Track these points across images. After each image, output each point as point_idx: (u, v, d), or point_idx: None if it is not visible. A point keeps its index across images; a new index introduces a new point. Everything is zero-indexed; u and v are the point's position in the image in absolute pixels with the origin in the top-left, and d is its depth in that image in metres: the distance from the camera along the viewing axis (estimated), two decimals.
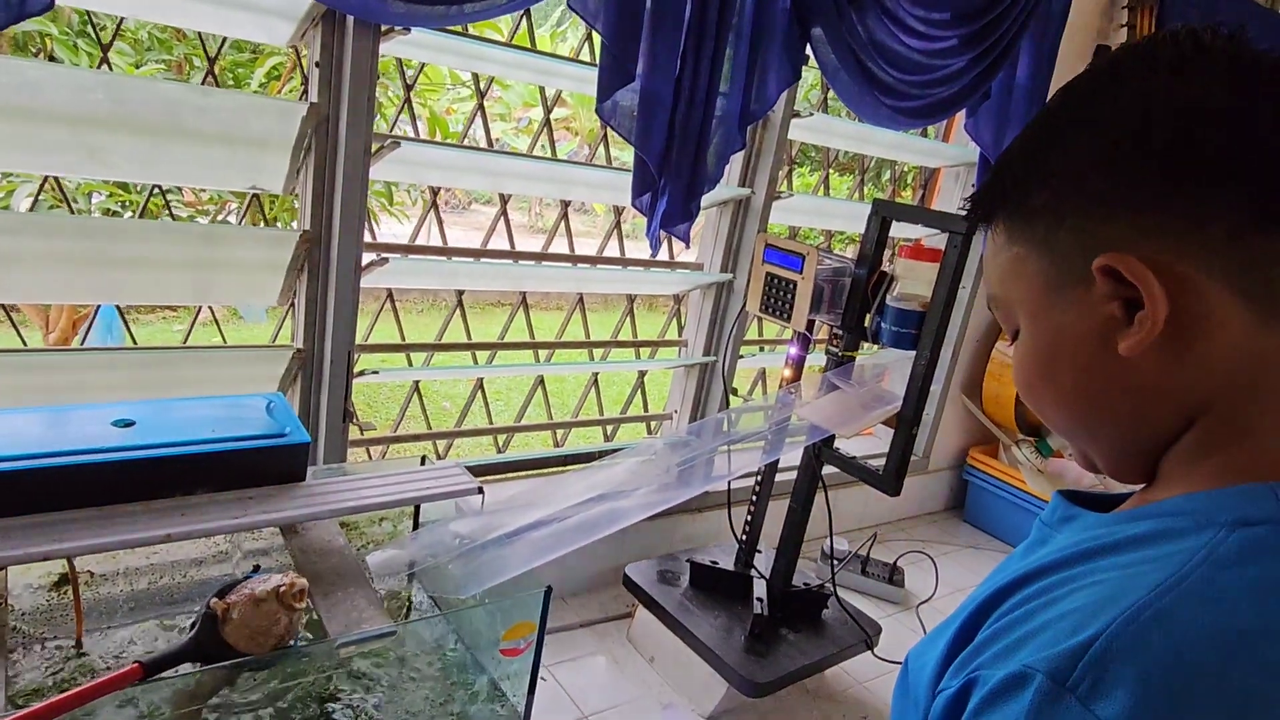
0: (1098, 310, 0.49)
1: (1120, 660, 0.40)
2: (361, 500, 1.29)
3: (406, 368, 1.96)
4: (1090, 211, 0.49)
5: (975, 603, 0.52)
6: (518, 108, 10.89)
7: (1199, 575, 0.42)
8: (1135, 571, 0.45)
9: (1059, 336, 0.52)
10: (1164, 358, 0.48)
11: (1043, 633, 0.44)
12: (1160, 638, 0.40)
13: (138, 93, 1.38)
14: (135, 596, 1.37)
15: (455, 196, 11.63)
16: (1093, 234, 0.49)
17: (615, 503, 1.45)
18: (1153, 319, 0.47)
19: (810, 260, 1.68)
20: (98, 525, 1.11)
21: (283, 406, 1.37)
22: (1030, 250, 0.53)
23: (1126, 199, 0.48)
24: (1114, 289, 0.48)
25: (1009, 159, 0.55)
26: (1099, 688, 0.39)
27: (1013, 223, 0.54)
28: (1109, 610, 0.42)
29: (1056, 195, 0.51)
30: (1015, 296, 0.55)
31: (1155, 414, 0.50)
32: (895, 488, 1.67)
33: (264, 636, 1.04)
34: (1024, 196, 0.53)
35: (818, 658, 1.88)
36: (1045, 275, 0.52)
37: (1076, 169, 0.50)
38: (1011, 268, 0.55)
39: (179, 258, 1.53)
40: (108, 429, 1.21)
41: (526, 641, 1.29)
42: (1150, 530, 0.47)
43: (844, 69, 2.06)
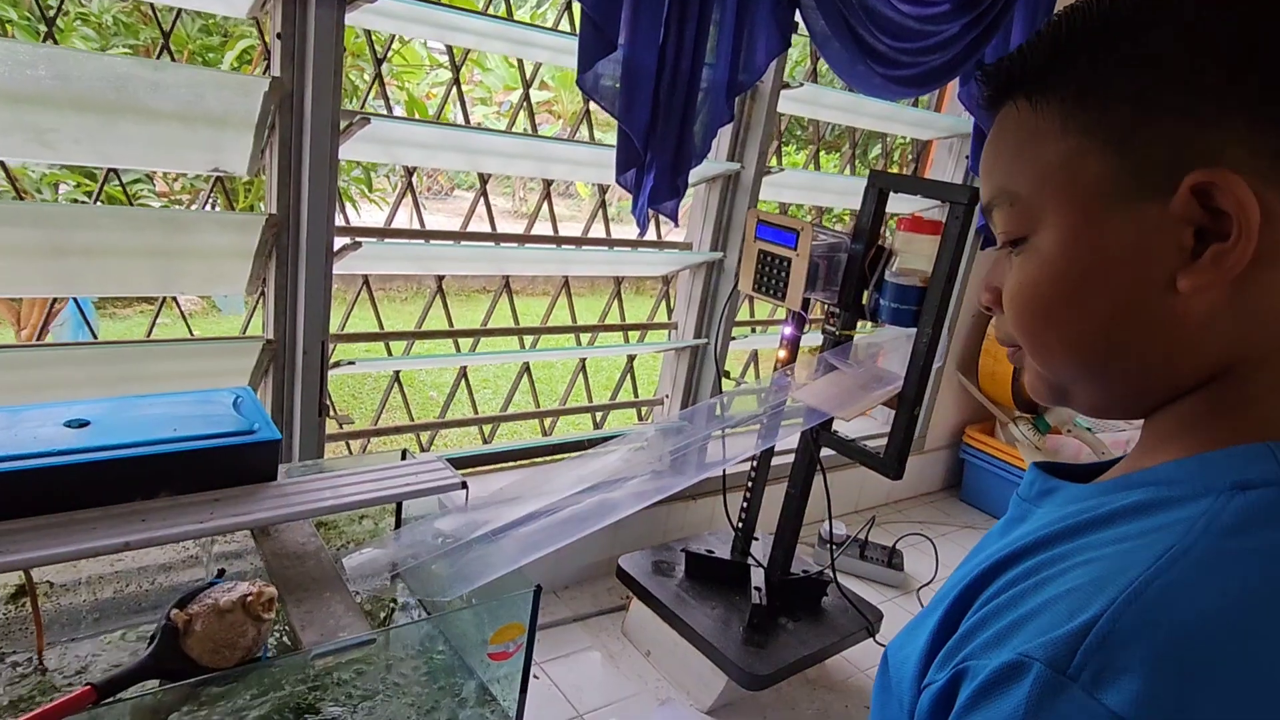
0: (1165, 233, 0.42)
1: (1125, 643, 0.36)
2: (337, 499, 1.21)
3: (385, 357, 1.87)
4: (1196, 112, 0.41)
5: (958, 588, 0.48)
6: (498, 91, 10.72)
7: (1202, 545, 0.39)
8: (1132, 545, 0.41)
9: (1101, 256, 0.44)
10: (1219, 302, 0.42)
11: (1036, 617, 0.40)
12: (1167, 616, 0.37)
13: (84, 68, 1.29)
14: (100, 606, 1.30)
15: (438, 182, 11.47)
16: (1189, 141, 0.41)
17: (607, 494, 1.38)
18: (1238, 257, 0.40)
19: (805, 236, 1.61)
20: (50, 534, 1.03)
21: (251, 401, 1.29)
22: (1096, 145, 0.43)
23: (1248, 104, 0.40)
24: (1195, 213, 0.41)
25: (1084, 23, 0.44)
26: (1104, 675, 0.36)
27: (1079, 106, 0.44)
28: (1108, 589, 0.38)
29: (1154, 84, 0.42)
30: (1053, 198, 0.46)
31: (1183, 363, 0.44)
32: (898, 471, 1.61)
33: (229, 650, 0.97)
34: (1104, 78, 0.43)
35: (818, 647, 1.83)
36: (1109, 180, 0.43)
37: (1192, 56, 0.41)
38: (1059, 163, 0.45)
39: (140, 246, 1.44)
40: (60, 430, 1.13)
41: (516, 644, 1.22)
42: (1144, 500, 0.43)
43: (834, 36, 1.98)
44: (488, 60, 9.91)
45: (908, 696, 0.48)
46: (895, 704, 0.51)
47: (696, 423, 1.64)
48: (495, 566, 1.22)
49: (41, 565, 1.01)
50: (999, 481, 2.99)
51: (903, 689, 0.49)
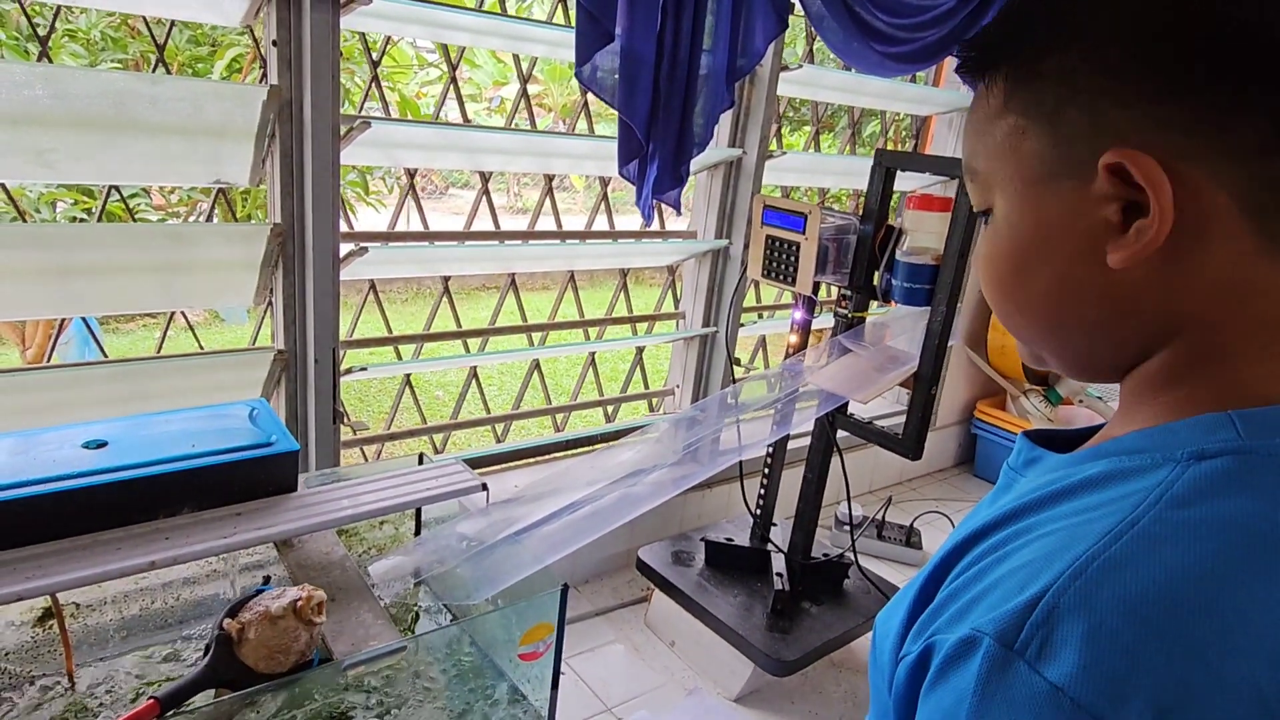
0: (1092, 210, 0.44)
1: (1067, 617, 0.37)
2: (359, 508, 1.21)
3: (396, 361, 1.87)
4: (1109, 90, 0.43)
5: (935, 561, 0.48)
6: (488, 87, 10.67)
7: (1151, 517, 0.39)
8: (1086, 519, 0.41)
9: (1042, 230, 0.46)
10: (1152, 272, 0.43)
11: (993, 591, 0.41)
12: (1108, 590, 0.37)
13: (81, 85, 1.28)
14: (126, 624, 1.30)
15: (432, 182, 11.43)
16: (1104, 118, 0.43)
17: (628, 489, 1.37)
18: (1155, 232, 0.42)
19: (813, 219, 1.59)
20: (74, 558, 1.02)
21: (266, 413, 1.29)
22: (1031, 124, 0.46)
23: (1155, 83, 0.42)
24: (1117, 190, 0.43)
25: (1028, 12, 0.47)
26: (1046, 648, 0.37)
27: (1018, 85, 0.46)
28: (1056, 563, 0.39)
29: (1076, 62, 0.44)
30: (1001, 174, 0.48)
31: (1127, 329, 0.46)
32: (916, 451, 1.60)
33: (284, 655, 0.97)
34: (1038, 55, 0.45)
35: (842, 630, 1.82)
36: (1041, 158, 0.46)
37: (1104, 35, 0.43)
38: (1004, 140, 0.47)
39: (144, 262, 1.44)
40: (78, 452, 1.12)
41: (545, 644, 1.21)
42: (1104, 471, 0.44)
43: (831, 15, 1.96)
44: (476, 56, 9.86)
45: (888, 667, 0.49)
46: (880, 674, 0.52)
47: (711, 413, 1.63)
48: (520, 567, 1.21)
49: (68, 589, 1.01)
50: None
51: (884, 659, 0.50)
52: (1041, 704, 0.36)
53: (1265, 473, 0.40)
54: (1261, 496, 0.39)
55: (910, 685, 0.44)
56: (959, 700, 0.39)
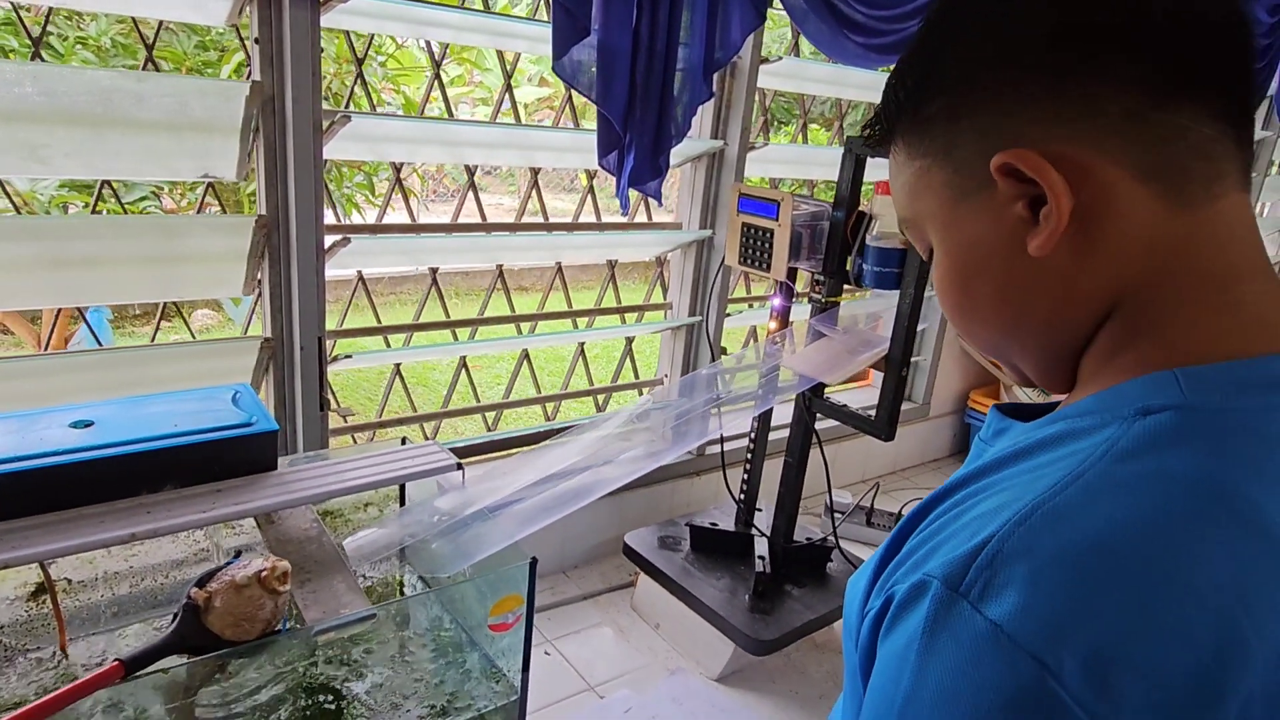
0: (1004, 214, 0.48)
1: (1010, 561, 0.39)
2: (336, 485, 1.25)
3: (384, 350, 1.91)
4: (984, 109, 0.48)
5: (902, 522, 0.51)
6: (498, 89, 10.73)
7: (1096, 470, 0.41)
8: (1037, 475, 0.43)
9: (972, 248, 0.51)
10: (1074, 253, 0.46)
11: (948, 542, 0.43)
12: (1051, 536, 0.39)
13: (69, 83, 1.33)
14: (117, 601, 1.35)
15: (443, 185, 11.52)
16: (988, 134, 0.47)
17: (600, 469, 1.41)
18: (1057, 213, 0.45)
19: (786, 206, 1.63)
20: (59, 530, 1.07)
21: (249, 396, 1.33)
22: (932, 161, 0.51)
23: (1017, 91, 0.46)
24: (1016, 188, 0.47)
25: (901, 71, 0.53)
26: (989, 589, 0.39)
27: (911, 136, 0.52)
28: (1004, 513, 0.41)
29: (949, 98, 0.49)
30: (924, 212, 0.53)
31: (1072, 314, 0.49)
32: (889, 432, 1.63)
33: (249, 623, 1.01)
34: (918, 106, 0.51)
35: (823, 611, 1.85)
36: (950, 185, 0.50)
37: (965, 67, 0.48)
38: (916, 183, 0.53)
39: (137, 253, 1.49)
40: (65, 431, 1.17)
41: (515, 615, 1.25)
42: (1058, 432, 0.46)
43: (810, 8, 1.99)
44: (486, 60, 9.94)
45: (854, 624, 0.51)
46: (849, 636, 0.54)
47: (690, 394, 1.66)
48: (493, 542, 1.25)
49: (53, 558, 1.06)
50: None
51: (852, 620, 0.53)
52: (982, 641, 0.38)
53: (1207, 427, 0.42)
54: (1202, 450, 0.41)
55: (872, 639, 0.46)
56: (909, 641, 0.41)
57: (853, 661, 0.52)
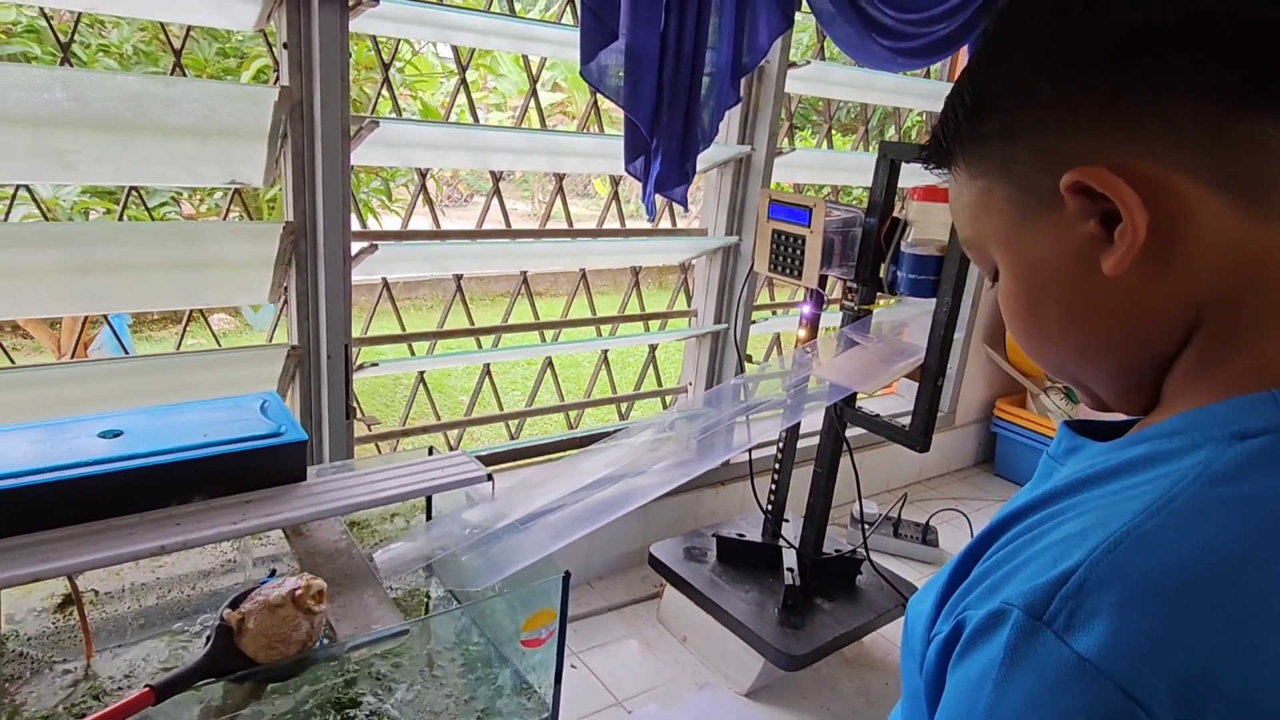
0: (1074, 232, 0.46)
1: (1097, 590, 0.37)
2: (365, 496, 1.23)
3: (409, 357, 1.90)
4: (1046, 125, 0.46)
5: (969, 544, 0.50)
6: (513, 96, 10.76)
7: (1189, 494, 0.40)
8: (1123, 497, 0.42)
9: (1039, 267, 0.49)
10: (1152, 270, 0.44)
11: (1025, 568, 0.42)
12: (1140, 563, 0.38)
13: (99, 88, 1.32)
14: (144, 613, 1.33)
15: (457, 190, 11.55)
16: (1053, 150, 0.46)
17: (632, 480, 1.39)
18: (1133, 230, 0.43)
19: (818, 212, 1.60)
20: (88, 542, 1.06)
21: (277, 405, 1.32)
22: (993, 181, 0.50)
23: (1080, 105, 0.44)
24: (1087, 206, 0.45)
25: (957, 90, 0.51)
26: (1076, 619, 0.37)
27: (970, 155, 0.51)
28: (1090, 539, 0.40)
29: (1008, 115, 0.48)
30: (987, 233, 0.52)
31: (1152, 333, 0.47)
32: (924, 443, 1.60)
33: (284, 644, 0.99)
34: (976, 124, 0.50)
35: (854, 625, 1.82)
36: (1014, 204, 0.49)
37: (1023, 82, 0.47)
38: (978, 203, 0.52)
39: (162, 260, 1.48)
40: (94, 441, 1.16)
41: (548, 630, 1.23)
42: (1145, 454, 0.44)
43: (837, 11, 1.96)
44: (500, 66, 9.96)
45: (919, 648, 0.50)
46: (911, 657, 0.52)
47: (720, 406, 1.64)
48: (524, 555, 1.23)
49: (82, 571, 1.04)
50: (1033, 454, 2.95)
51: (915, 641, 0.51)
52: (1067, 673, 0.37)
53: None
54: None
55: (940, 663, 0.45)
56: (985, 670, 0.40)
57: (915, 685, 0.51)
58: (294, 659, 0.99)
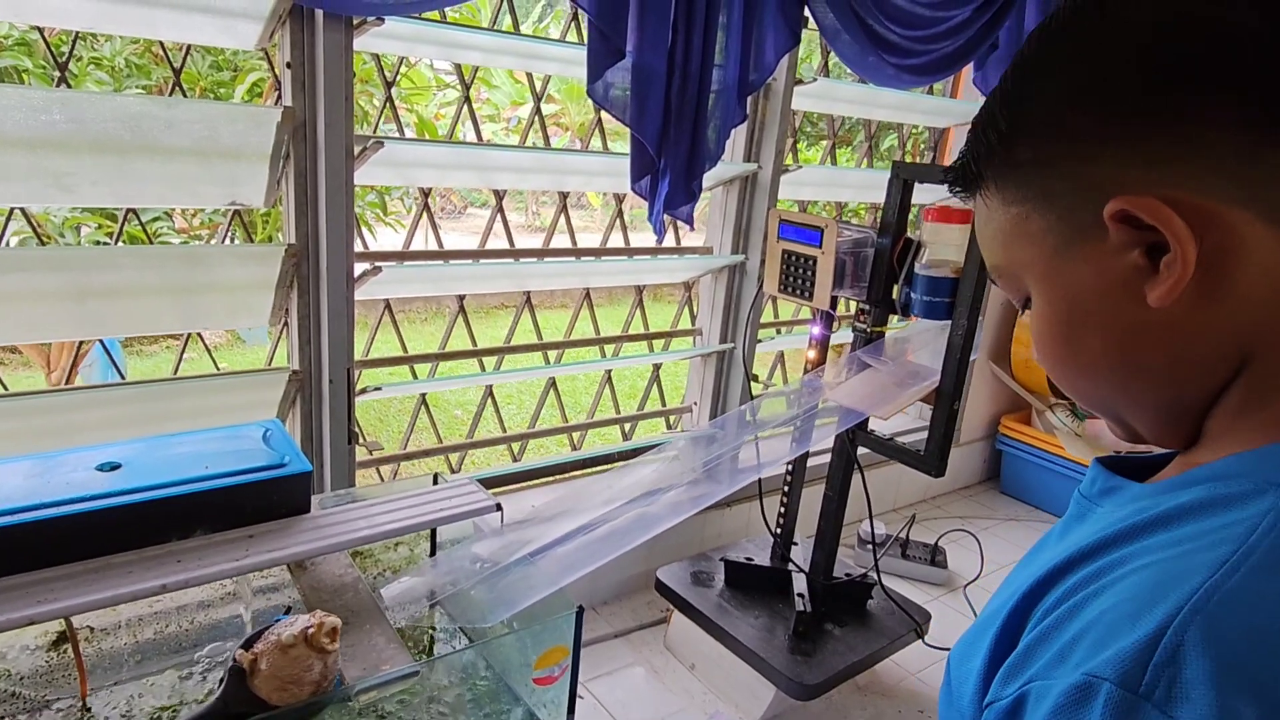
0: (1117, 262, 0.44)
1: (1194, 655, 0.35)
2: (372, 529, 1.19)
3: (411, 381, 1.86)
4: (1083, 154, 0.45)
5: (1016, 596, 0.47)
6: (506, 108, 10.76)
7: (1268, 545, 0.38)
8: (1192, 548, 0.40)
9: (1078, 298, 0.47)
10: (1197, 302, 0.43)
11: (1094, 629, 0.39)
12: (1233, 623, 0.36)
13: (97, 110, 1.29)
14: (141, 648, 1.29)
15: (451, 202, 11.52)
16: (1094, 178, 0.44)
17: (645, 508, 1.35)
18: (1183, 262, 0.42)
19: (830, 233, 1.57)
20: (85, 581, 1.02)
21: (280, 434, 1.28)
22: (1030, 208, 0.48)
23: (1121, 132, 0.43)
24: (1132, 236, 0.43)
25: (990, 111, 0.50)
26: (1175, 690, 0.35)
27: (1004, 181, 0.49)
28: (1170, 596, 0.37)
29: (1044, 142, 0.46)
30: (1021, 261, 0.50)
31: (1198, 367, 0.45)
32: (939, 468, 1.57)
33: (297, 685, 0.95)
34: (1011, 150, 0.48)
35: (867, 653, 1.78)
36: (1052, 232, 0.47)
37: (1063, 108, 0.45)
38: (1012, 230, 0.50)
39: (161, 284, 1.44)
40: (92, 474, 1.12)
41: (561, 668, 1.19)
42: (1202, 498, 0.42)
43: (844, 28, 1.95)
44: (494, 77, 9.97)
45: (969, 712, 0.47)
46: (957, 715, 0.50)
47: (729, 430, 1.61)
48: (536, 589, 1.19)
49: (80, 613, 1.00)
50: (1039, 471, 2.93)
51: (964, 703, 0.49)
52: None
53: None
54: None
55: None
56: None
57: None
58: (307, 701, 0.96)
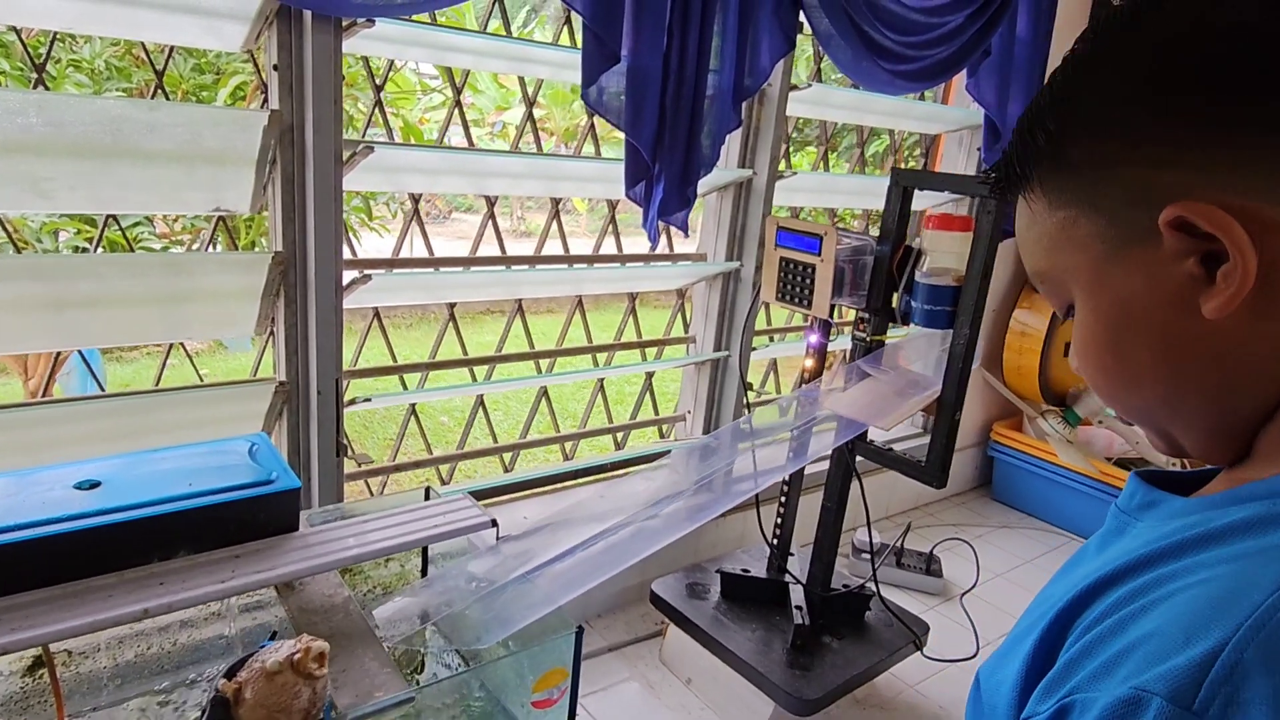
0: (1171, 270, 0.43)
1: (1254, 674, 0.34)
2: (362, 548, 1.16)
3: (401, 391, 1.82)
4: (1143, 156, 0.43)
5: (1054, 609, 0.45)
6: (490, 112, 10.71)
7: None
8: (1249, 565, 0.39)
9: (1127, 306, 0.46)
10: (1255, 314, 0.42)
11: (1146, 644, 0.38)
12: None
13: (77, 113, 1.24)
14: (121, 671, 1.24)
15: (435, 206, 11.44)
16: (1150, 182, 0.43)
17: (644, 523, 1.32)
18: (1243, 272, 0.40)
19: (829, 240, 1.55)
20: (63, 606, 0.97)
21: (267, 448, 1.24)
22: (1079, 212, 0.46)
23: (1182, 137, 0.42)
24: (1189, 244, 0.42)
25: (1038, 111, 0.48)
26: (1231, 709, 0.34)
27: (1052, 183, 0.48)
28: (1228, 614, 0.36)
29: (1099, 143, 0.45)
30: (1067, 267, 0.49)
31: (1252, 382, 0.44)
32: (941, 479, 1.55)
33: (285, 715, 0.91)
34: (1061, 151, 0.46)
35: (866, 665, 1.76)
36: (1101, 238, 0.46)
37: (1119, 109, 0.44)
38: (1059, 235, 0.48)
39: (143, 293, 1.39)
40: (70, 493, 1.07)
41: (560, 690, 1.16)
42: (1258, 515, 0.41)
43: (839, 34, 1.93)
44: (479, 81, 9.91)
45: None
46: None
47: (727, 442, 1.58)
48: (533, 608, 1.16)
49: (57, 640, 0.96)
50: (1032, 478, 2.92)
51: (997, 716, 0.47)
52: None
53: None
54: None
55: None
56: None
57: None
58: None
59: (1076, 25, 2.66)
